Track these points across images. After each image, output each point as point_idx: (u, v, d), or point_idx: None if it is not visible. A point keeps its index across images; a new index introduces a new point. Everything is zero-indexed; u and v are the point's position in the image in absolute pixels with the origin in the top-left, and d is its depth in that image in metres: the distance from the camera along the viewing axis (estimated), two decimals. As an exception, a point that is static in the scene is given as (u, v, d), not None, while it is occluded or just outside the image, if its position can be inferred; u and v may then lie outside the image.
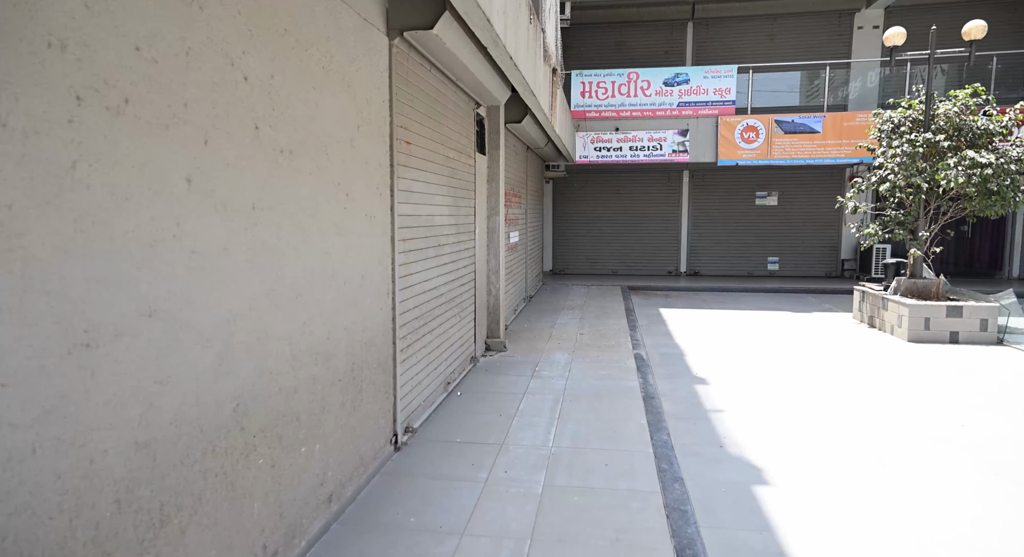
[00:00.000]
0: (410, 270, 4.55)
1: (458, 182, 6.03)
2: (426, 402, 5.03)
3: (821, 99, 14.52)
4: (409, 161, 4.51)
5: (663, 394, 5.96)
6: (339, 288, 3.30)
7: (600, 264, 16.46)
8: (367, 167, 3.68)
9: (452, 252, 5.82)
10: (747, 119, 13.43)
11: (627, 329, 9.09)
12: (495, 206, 7.56)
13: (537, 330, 8.92)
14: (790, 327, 9.55)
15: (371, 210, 3.75)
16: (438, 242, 5.31)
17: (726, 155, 13.56)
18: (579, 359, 7.17)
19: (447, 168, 5.60)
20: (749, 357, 7.55)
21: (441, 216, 5.41)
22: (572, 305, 11.32)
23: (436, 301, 5.28)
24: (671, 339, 8.65)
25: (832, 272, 15.61)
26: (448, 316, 5.71)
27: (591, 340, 8.26)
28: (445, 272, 5.57)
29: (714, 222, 15.98)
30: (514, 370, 6.65)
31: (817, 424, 5.14)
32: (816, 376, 6.68)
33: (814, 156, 13.27)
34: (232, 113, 2.34)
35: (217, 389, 2.25)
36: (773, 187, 15.62)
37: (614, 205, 16.28)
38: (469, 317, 6.63)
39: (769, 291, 13.71)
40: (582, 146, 14.12)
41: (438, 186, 5.33)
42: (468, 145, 6.46)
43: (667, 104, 13.85)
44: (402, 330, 4.38)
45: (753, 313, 10.88)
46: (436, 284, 5.27)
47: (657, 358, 7.50)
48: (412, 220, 4.61)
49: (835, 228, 15.50)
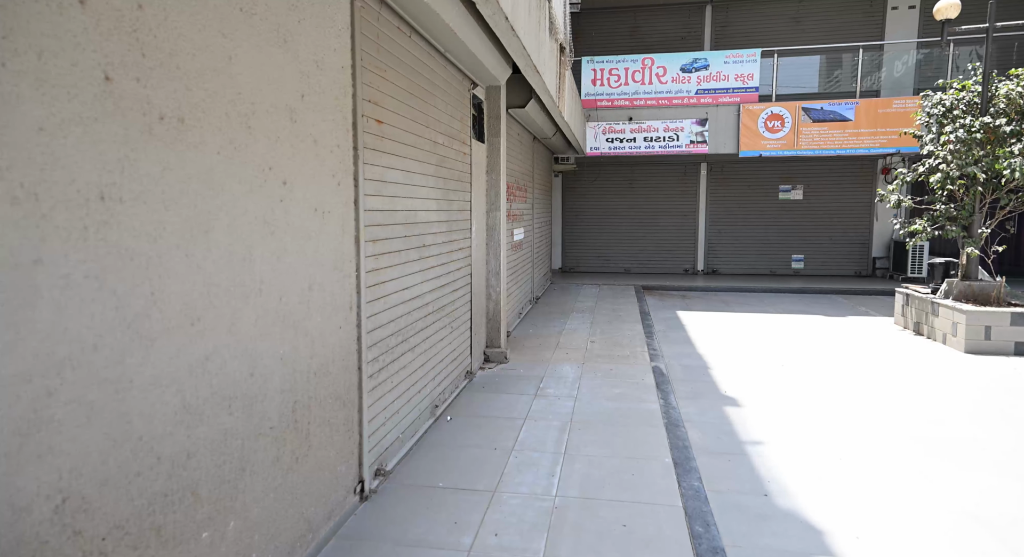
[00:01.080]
0: (383, 276, 3.73)
1: (449, 173, 5.20)
2: (406, 433, 4.21)
3: (850, 85, 13.51)
4: (381, 144, 3.68)
5: (688, 419, 5.11)
6: (269, 305, 2.48)
7: (612, 262, 15.58)
8: (317, 149, 2.86)
9: (442, 253, 5.00)
10: (771, 107, 12.48)
11: (643, 336, 8.23)
12: (495, 200, 6.72)
13: (543, 337, 8.09)
14: (825, 333, 8.64)
15: (323, 203, 2.93)
16: (423, 242, 4.49)
17: (748, 146, 12.63)
18: (590, 373, 6.33)
19: (435, 156, 4.77)
20: (783, 371, 6.66)
21: (427, 212, 4.58)
22: (582, 307, 10.47)
23: (420, 312, 4.46)
24: (692, 348, 7.78)
25: (862, 271, 14.63)
26: (436, 328, 4.88)
27: (603, 349, 7.42)
28: (432, 277, 4.75)
29: (734, 218, 15.04)
30: (515, 387, 5.82)
31: (882, 462, 4.26)
32: (866, 395, 5.79)
33: (845, 146, 12.30)
34: (56, 51, 1.53)
35: (21, 483, 1.44)
36: (798, 180, 14.64)
37: (627, 200, 15.39)
38: (464, 327, 5.80)
39: (795, 292, 12.77)
40: (593, 137, 13.23)
41: (423, 176, 4.50)
42: (462, 130, 5.62)
43: (684, 92, 12.93)
44: (372, 351, 3.56)
45: (781, 317, 9.98)
46: (420, 291, 4.44)
47: (678, 371, 6.64)
48: (386, 216, 3.79)
49: (865, 224, 14.51)
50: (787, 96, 13.14)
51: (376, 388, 3.63)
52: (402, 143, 4.04)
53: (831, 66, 13.99)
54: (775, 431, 4.84)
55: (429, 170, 4.63)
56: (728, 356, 7.32)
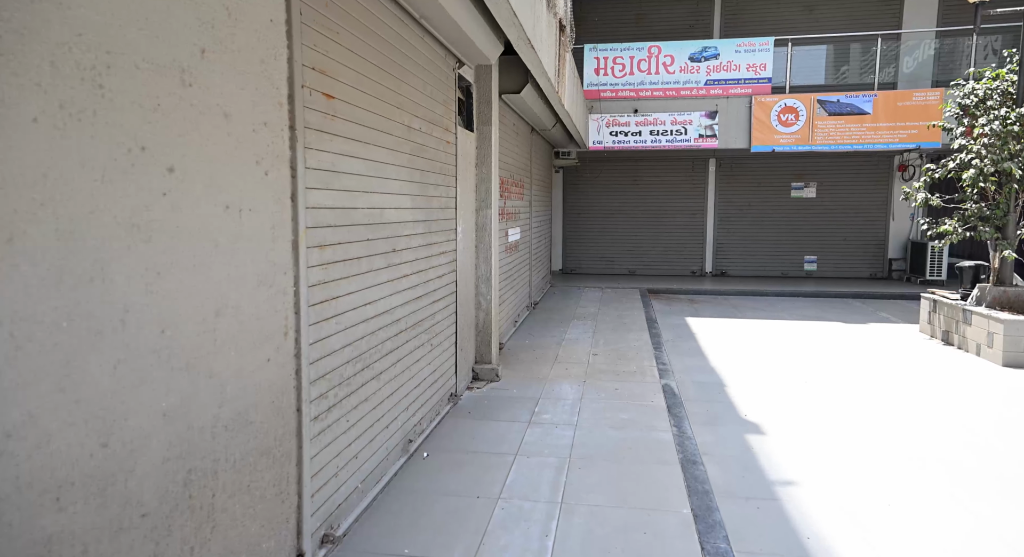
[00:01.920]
0: (336, 290, 3.00)
1: (429, 164, 4.47)
2: (368, 481, 3.48)
3: (863, 77, 12.75)
4: (333, 126, 2.95)
5: (706, 452, 4.38)
6: (142, 342, 1.75)
7: (616, 263, 14.84)
8: (229, 125, 2.13)
9: (419, 258, 4.27)
10: (785, 99, 11.73)
11: (650, 347, 7.50)
12: (486, 197, 5.99)
13: (541, 348, 7.36)
14: (846, 343, 7.90)
15: (241, 198, 2.20)
16: (392, 246, 3.76)
17: (761, 140, 11.88)
18: (592, 393, 5.60)
19: (410, 143, 4.04)
20: (806, 388, 5.93)
21: (398, 209, 3.85)
22: (584, 313, 9.74)
23: (389, 330, 3.73)
24: (704, 360, 7.05)
25: (878, 273, 13.88)
26: (411, 347, 4.15)
27: (607, 363, 6.68)
28: (406, 287, 4.02)
29: (744, 217, 14.29)
30: (507, 411, 5.09)
31: (937, 507, 3.53)
32: (902, 419, 5.05)
33: (863, 141, 11.55)
34: None
35: None
36: (811, 177, 13.89)
37: (632, 197, 14.64)
38: (447, 342, 5.07)
39: (808, 295, 12.03)
40: (596, 130, 12.49)
41: (394, 167, 3.77)
42: (446, 116, 4.89)
43: (693, 82, 12.18)
44: (319, 386, 2.83)
45: (797, 324, 9.24)
46: (389, 305, 3.71)
47: (691, 389, 5.91)
48: (341, 215, 3.06)
49: (882, 223, 13.76)
50: (801, 88, 12.38)
51: (325, 432, 2.91)
52: (364, 126, 3.31)
53: (846, 57, 13.23)
54: (807, 466, 4.11)
55: (402, 160, 3.90)
56: (744, 370, 6.58)
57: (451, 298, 5.16)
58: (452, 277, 5.17)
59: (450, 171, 5.04)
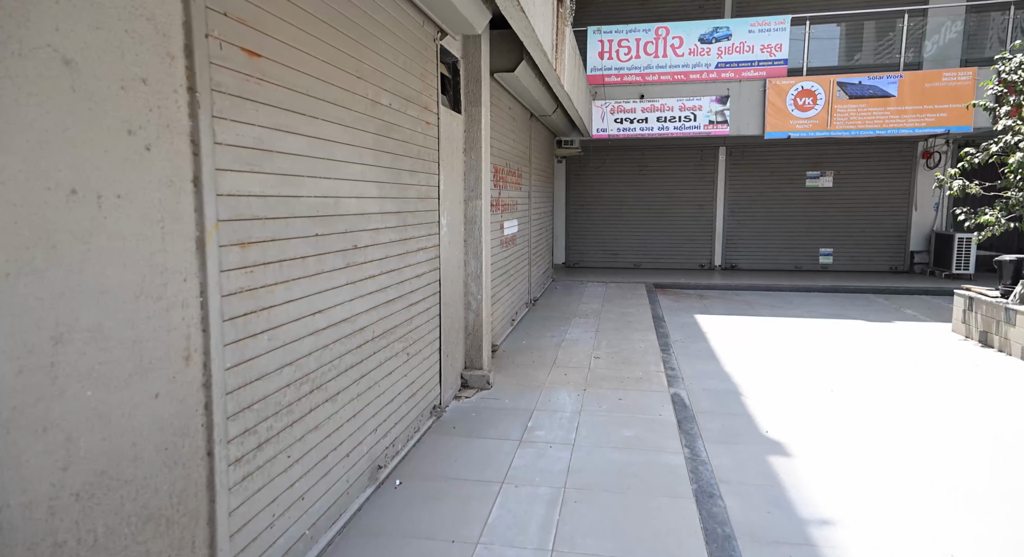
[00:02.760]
0: (267, 299, 2.41)
1: (403, 147, 3.87)
2: (319, 525, 2.90)
3: (886, 56, 12.01)
4: (260, 92, 2.35)
5: (724, 479, 3.78)
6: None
7: (621, 256, 14.20)
8: (73, 76, 1.54)
9: (390, 256, 3.67)
10: (802, 81, 11.03)
11: (657, 349, 6.89)
12: (476, 186, 5.38)
13: (538, 350, 6.76)
14: (872, 345, 7.26)
15: (100, 180, 1.61)
16: (352, 241, 3.16)
17: (776, 126, 11.19)
18: (592, 403, 5.01)
19: (376, 121, 3.44)
20: (833, 398, 5.31)
21: (359, 199, 3.25)
22: (586, 310, 9.13)
23: (348, 341, 3.14)
24: (717, 364, 6.44)
25: (898, 266, 13.18)
26: (380, 359, 3.57)
27: (610, 367, 6.08)
28: (372, 290, 3.43)
29: (755, 207, 13.61)
30: (496, 426, 4.50)
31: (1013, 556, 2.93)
32: (948, 437, 4.43)
33: (886, 126, 10.84)
34: None
35: None
36: (827, 165, 13.18)
37: (637, 188, 13.97)
38: (429, 348, 4.48)
39: (825, 290, 11.37)
40: (600, 117, 11.83)
41: (354, 149, 3.17)
42: (426, 94, 4.28)
43: (703, 65, 11.48)
44: (242, 419, 2.25)
45: (815, 322, 8.60)
46: (349, 312, 3.12)
47: (703, 400, 5.31)
48: (275, 205, 2.46)
49: (903, 214, 13.04)
50: (820, 69, 11.66)
51: (253, 476, 2.32)
52: (309, 96, 2.70)
53: (868, 36, 12.48)
54: (845, 500, 3.51)
55: (365, 140, 3.29)
56: (762, 377, 5.97)
57: (434, 299, 4.56)
58: (435, 275, 4.57)
59: (431, 156, 4.44)
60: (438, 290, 4.65)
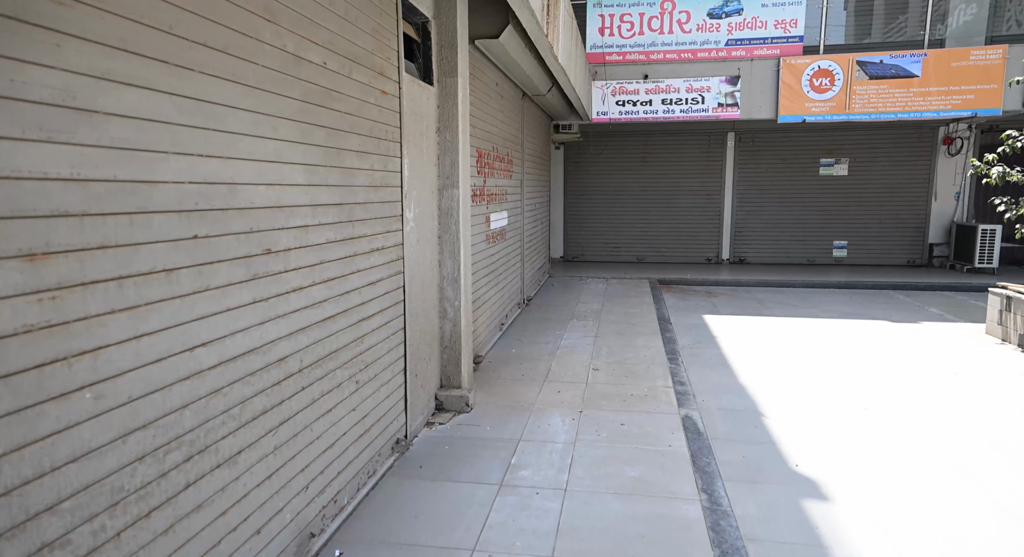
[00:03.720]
0: (94, 337, 1.60)
1: (345, 121, 3.05)
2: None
3: (905, 33, 11.12)
4: (70, 19, 1.53)
5: (752, 536, 2.99)
6: None
7: (623, 250, 13.38)
8: None
9: (326, 262, 2.86)
10: (819, 60, 10.15)
11: (664, 357, 6.10)
12: (452, 173, 4.56)
13: (529, 360, 5.96)
14: (901, 350, 6.46)
15: None
16: (262, 244, 2.34)
17: (790, 109, 10.33)
18: (590, 430, 4.22)
19: (301, 85, 2.61)
20: (868, 418, 4.52)
21: (274, 186, 2.43)
22: (585, 311, 8.33)
23: (257, 380, 2.33)
24: (732, 375, 5.64)
25: (916, 259, 12.36)
26: (311, 396, 2.76)
27: (611, 381, 5.29)
28: (298, 306, 2.61)
29: (766, 197, 12.76)
30: (472, 464, 3.71)
31: None
32: (1018, 468, 3.64)
33: (909, 109, 9.98)
34: None
35: None
36: (843, 152, 12.32)
37: (640, 176, 13.12)
38: (388, 373, 3.68)
39: (841, 286, 10.56)
40: (600, 100, 10.97)
41: (260, 118, 2.35)
42: (379, 55, 3.45)
43: (712, 42, 10.60)
44: (32, 532, 1.45)
45: (835, 323, 7.80)
46: (257, 341, 2.31)
47: (719, 423, 4.51)
48: (107, 194, 1.64)
49: (922, 204, 12.21)
50: (838, 47, 10.77)
51: (63, 609, 1.52)
52: (173, 34, 1.88)
53: (890, 10, 11.58)
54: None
55: (283, 109, 2.47)
56: (783, 391, 5.18)
57: (396, 310, 3.76)
58: (397, 281, 3.76)
59: (390, 134, 3.61)
60: (402, 298, 3.85)
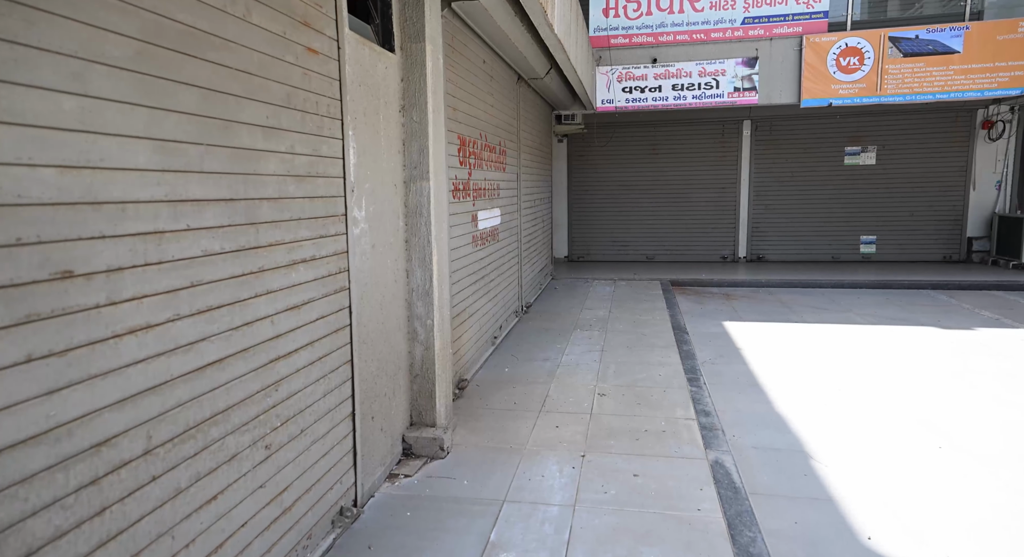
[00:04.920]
0: None
1: (235, 79, 2.15)
2: None
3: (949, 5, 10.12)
4: None
5: None
6: None
7: (631, 248, 12.45)
8: None
9: (198, 286, 1.97)
10: (846, 37, 9.18)
11: (683, 376, 5.19)
12: (422, 161, 3.67)
13: (524, 383, 5.06)
14: (962, 364, 5.51)
15: None
16: (49, 262, 1.46)
17: (814, 92, 9.37)
18: (595, 486, 3.31)
19: (155, 22, 1.73)
20: (946, 458, 3.59)
21: (80, 172, 1.54)
22: (590, 319, 7.43)
23: (41, 487, 1.45)
24: (765, 400, 4.72)
25: (953, 255, 11.36)
26: (165, 492, 1.87)
27: (620, 412, 4.39)
28: (130, 360, 1.73)
29: (785, 190, 11.80)
30: (437, 545, 2.81)
31: None
32: None
33: (949, 89, 8.99)
34: None
35: None
36: (869, 140, 11.33)
37: (649, 169, 12.18)
38: (322, 426, 2.78)
39: (873, 286, 9.58)
40: (605, 86, 10.04)
41: (49, 59, 1.46)
42: (316, 5, 2.56)
43: (727, 21, 9.65)
44: None
45: (877, 331, 6.85)
46: (40, 424, 1.43)
47: (759, 470, 3.60)
48: None
49: (958, 194, 11.20)
50: (867, 23, 9.78)
51: None
52: None
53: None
54: None
55: (101, 48, 1.58)
56: (832, 421, 4.25)
57: (337, 339, 2.87)
58: (339, 301, 2.87)
59: (326, 108, 2.72)
60: (348, 322, 2.96)
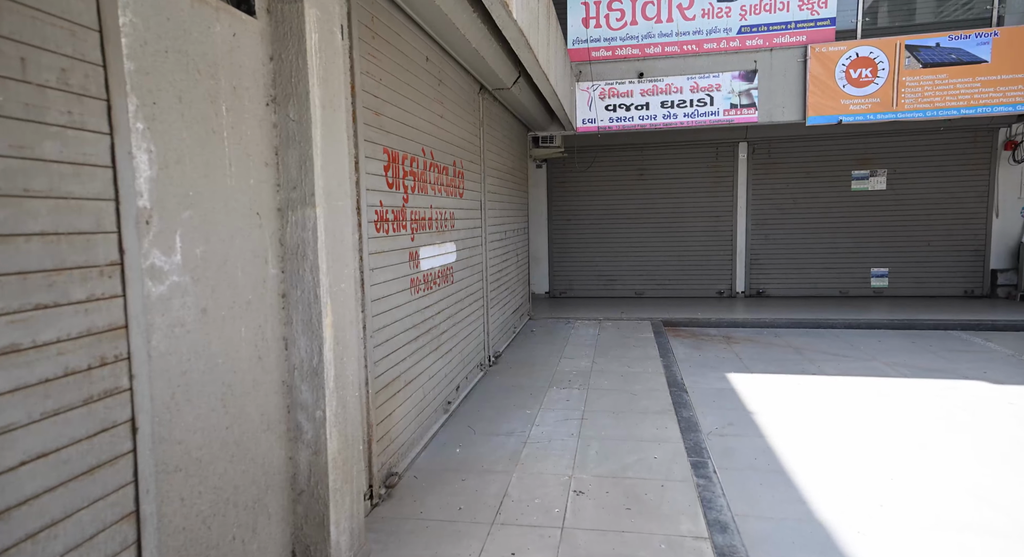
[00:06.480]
0: None
1: None
2: None
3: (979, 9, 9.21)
4: None
5: None
6: None
7: (618, 282, 11.29)
8: None
9: None
10: (857, 46, 8.20)
11: (685, 463, 3.95)
12: (303, 179, 2.48)
13: (476, 473, 3.80)
14: None
15: None
16: None
17: (820, 108, 8.35)
18: None
19: None
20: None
21: None
22: (569, 372, 6.19)
23: None
24: (797, 497, 3.49)
25: (976, 289, 10.27)
26: None
27: (603, 525, 3.13)
28: None
29: (787, 218, 10.73)
30: None
31: None
32: None
33: (975, 103, 8.00)
34: None
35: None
36: (879, 162, 10.33)
37: (637, 196, 11.10)
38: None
39: (892, 327, 8.44)
40: (586, 104, 8.99)
41: None
42: None
43: (721, 31, 8.67)
44: None
45: (915, 386, 5.66)
46: None
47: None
48: None
49: (980, 222, 10.17)
50: (880, 30, 8.83)
51: None
52: None
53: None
54: None
55: None
56: (891, 528, 3.01)
57: (92, 487, 1.62)
58: (98, 416, 1.64)
59: (76, 79, 1.53)
60: (130, 447, 1.72)
